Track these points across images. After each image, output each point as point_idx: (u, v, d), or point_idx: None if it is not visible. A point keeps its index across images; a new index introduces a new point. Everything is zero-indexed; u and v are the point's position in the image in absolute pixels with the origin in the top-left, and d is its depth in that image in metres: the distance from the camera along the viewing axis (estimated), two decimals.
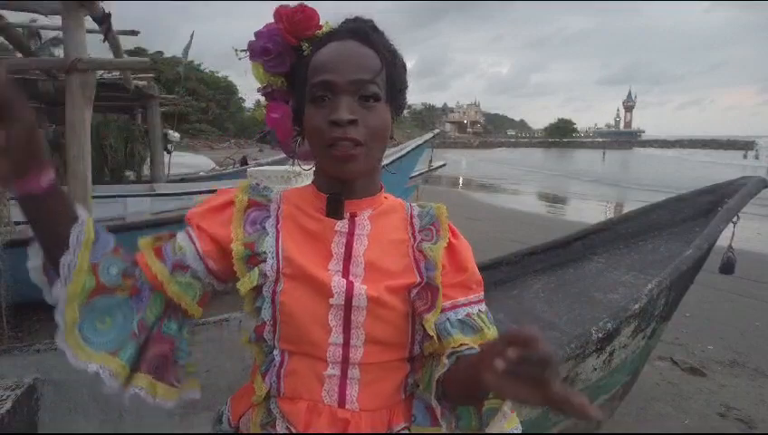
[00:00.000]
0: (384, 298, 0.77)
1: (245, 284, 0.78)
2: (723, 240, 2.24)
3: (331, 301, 0.77)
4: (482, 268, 2.95)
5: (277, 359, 0.80)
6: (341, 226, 0.81)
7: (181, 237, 0.81)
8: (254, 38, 0.83)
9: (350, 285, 0.77)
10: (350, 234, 0.81)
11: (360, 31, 0.78)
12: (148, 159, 7.69)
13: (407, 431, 0.80)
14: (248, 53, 0.84)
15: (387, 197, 0.88)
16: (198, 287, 0.80)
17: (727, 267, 2.27)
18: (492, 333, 0.83)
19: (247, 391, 0.85)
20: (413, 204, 0.90)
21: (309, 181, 0.88)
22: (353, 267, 0.79)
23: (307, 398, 0.78)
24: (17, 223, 3.04)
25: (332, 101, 0.74)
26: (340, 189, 0.81)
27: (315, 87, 0.75)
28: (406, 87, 0.84)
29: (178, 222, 0.84)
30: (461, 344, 0.79)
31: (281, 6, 0.80)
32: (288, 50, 0.82)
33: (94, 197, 2.60)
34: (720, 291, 4.68)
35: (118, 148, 7.42)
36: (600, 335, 1.73)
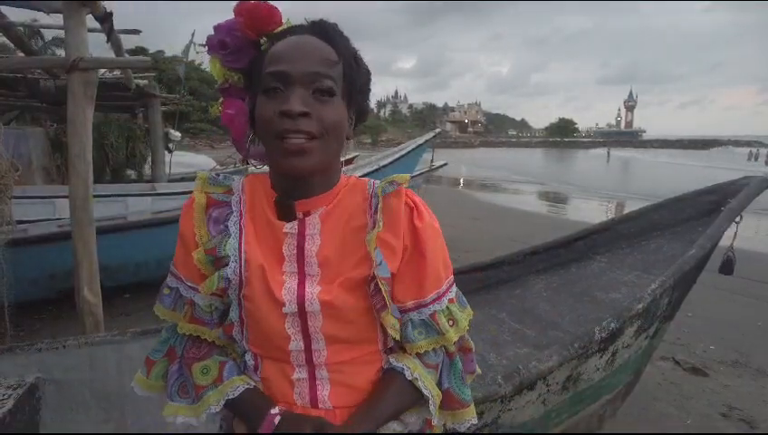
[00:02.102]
0: (338, 301, 0.75)
1: (206, 288, 0.78)
2: (724, 240, 2.23)
3: (284, 310, 0.75)
4: (484, 268, 2.93)
5: (250, 362, 0.80)
6: (290, 227, 0.79)
7: (196, 298, 0.82)
8: (213, 32, 0.80)
9: (300, 292, 0.75)
10: (301, 235, 0.78)
11: (320, 27, 0.76)
12: (149, 159, 7.69)
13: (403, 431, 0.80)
14: (206, 48, 0.81)
15: (347, 182, 0.84)
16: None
17: (727, 268, 2.26)
18: (456, 330, 0.81)
19: None
20: (377, 182, 0.84)
21: None
22: (308, 268, 0.77)
23: (282, 401, 0.78)
24: (19, 222, 3.03)
25: (285, 93, 0.71)
26: (291, 188, 0.78)
27: (268, 77, 0.72)
28: (368, 91, 0.82)
29: (178, 221, 0.83)
30: (417, 352, 0.80)
31: (243, 1, 0.77)
32: (247, 45, 0.79)
33: (95, 196, 2.58)
34: (722, 291, 4.67)
35: (119, 147, 7.42)
36: (603, 335, 1.72)
